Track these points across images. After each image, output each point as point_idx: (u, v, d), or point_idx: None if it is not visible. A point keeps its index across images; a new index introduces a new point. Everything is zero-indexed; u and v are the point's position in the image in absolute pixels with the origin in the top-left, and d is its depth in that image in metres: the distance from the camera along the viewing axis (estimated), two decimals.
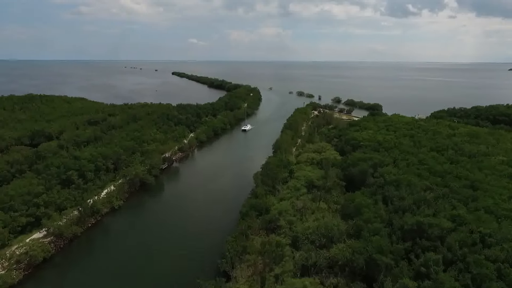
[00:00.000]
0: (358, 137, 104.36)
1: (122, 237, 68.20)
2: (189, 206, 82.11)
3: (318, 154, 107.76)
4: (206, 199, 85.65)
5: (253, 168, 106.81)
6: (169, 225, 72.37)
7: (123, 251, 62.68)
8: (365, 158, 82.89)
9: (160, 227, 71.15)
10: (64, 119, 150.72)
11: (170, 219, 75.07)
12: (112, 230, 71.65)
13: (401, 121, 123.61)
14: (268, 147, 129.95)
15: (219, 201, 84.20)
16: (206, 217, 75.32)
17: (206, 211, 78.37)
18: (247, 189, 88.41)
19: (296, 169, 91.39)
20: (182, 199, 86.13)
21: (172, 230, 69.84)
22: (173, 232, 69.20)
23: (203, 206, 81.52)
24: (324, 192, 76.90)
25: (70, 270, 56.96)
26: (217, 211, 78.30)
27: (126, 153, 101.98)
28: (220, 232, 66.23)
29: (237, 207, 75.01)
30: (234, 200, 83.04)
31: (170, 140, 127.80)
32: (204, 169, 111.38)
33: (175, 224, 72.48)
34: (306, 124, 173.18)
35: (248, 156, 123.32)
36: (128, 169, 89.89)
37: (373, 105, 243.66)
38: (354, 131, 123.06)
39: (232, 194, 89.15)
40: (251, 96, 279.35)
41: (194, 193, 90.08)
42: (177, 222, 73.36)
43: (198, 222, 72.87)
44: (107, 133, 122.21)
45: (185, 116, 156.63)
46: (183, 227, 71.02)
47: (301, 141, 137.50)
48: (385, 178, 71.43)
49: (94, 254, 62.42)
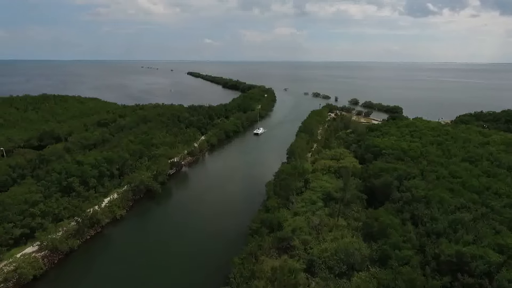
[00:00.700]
0: (379, 144, 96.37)
1: (122, 251, 63.12)
2: (196, 217, 76.39)
3: (335, 161, 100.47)
4: (214, 210, 79.76)
5: (266, 175, 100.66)
6: (173, 239, 66.80)
7: (122, 265, 57.51)
8: (389, 169, 75.18)
9: (163, 241, 65.65)
10: (75, 120, 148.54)
11: (174, 232, 69.49)
12: (112, 242, 66.69)
13: (426, 127, 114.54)
14: (282, 151, 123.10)
15: (228, 212, 78.18)
16: (213, 231, 69.31)
17: (213, 224, 72.42)
18: (258, 199, 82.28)
19: (312, 179, 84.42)
20: (189, 209, 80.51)
21: (174, 245, 64.22)
22: (176, 247, 63.57)
23: (210, 218, 75.65)
24: (343, 206, 69.87)
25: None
26: (225, 223, 72.27)
27: (133, 158, 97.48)
28: (227, 249, 60.22)
29: (247, 219, 68.89)
30: (244, 211, 77.01)
31: (180, 143, 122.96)
32: (214, 175, 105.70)
33: (179, 239, 66.84)
34: (322, 127, 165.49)
35: (261, 162, 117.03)
36: (133, 175, 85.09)
37: (393, 107, 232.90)
38: (374, 136, 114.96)
39: (242, 204, 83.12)
40: (266, 97, 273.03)
41: (201, 202, 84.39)
42: (181, 236, 67.72)
43: (204, 237, 66.98)
44: (115, 135, 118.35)
45: (197, 118, 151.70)
46: (187, 243, 65.28)
47: (317, 146, 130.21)
48: (413, 193, 63.69)
49: (91, 269, 57.40)
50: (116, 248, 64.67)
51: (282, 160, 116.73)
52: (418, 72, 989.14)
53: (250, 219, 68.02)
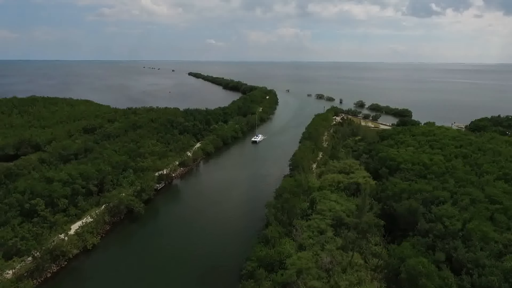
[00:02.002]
0: (396, 157, 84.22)
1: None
2: (183, 245, 64.74)
3: (345, 175, 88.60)
4: (205, 236, 68.05)
5: (265, 190, 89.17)
6: (154, 274, 55.21)
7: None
8: (412, 190, 63.15)
9: (140, 278, 54.11)
10: (60, 125, 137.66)
11: (156, 265, 57.82)
12: (79, 280, 55.16)
13: (446, 135, 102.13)
14: (284, 161, 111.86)
15: (221, 239, 66.47)
16: (201, 266, 57.59)
17: (202, 256, 60.72)
18: (257, 223, 70.77)
19: (318, 198, 72.50)
20: (175, 235, 68.82)
21: (155, 284, 52.66)
22: (158, 286, 52.07)
23: (199, 248, 63.96)
24: (357, 235, 58.05)
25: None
26: (216, 256, 60.56)
27: (116, 171, 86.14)
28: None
29: (243, 247, 57.74)
30: (241, 237, 65.61)
31: (172, 152, 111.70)
32: (208, 190, 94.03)
33: (161, 274, 55.24)
34: (328, 133, 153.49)
35: (260, 174, 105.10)
36: (111, 193, 73.59)
37: (402, 110, 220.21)
38: (387, 145, 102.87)
39: (238, 227, 71.47)
40: (267, 99, 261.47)
41: (191, 225, 72.72)
42: (164, 272, 56.10)
43: (190, 275, 55.30)
44: (100, 143, 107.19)
45: (192, 123, 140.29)
46: (171, 280, 53.68)
47: (322, 155, 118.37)
48: (445, 223, 51.63)
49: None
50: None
51: (284, 172, 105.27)
52: (425, 73, 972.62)
53: (247, 249, 56.70)
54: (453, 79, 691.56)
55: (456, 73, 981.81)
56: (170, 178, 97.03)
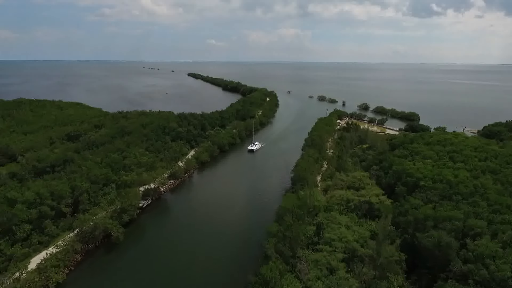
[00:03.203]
0: (413, 171, 73.89)
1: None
2: (166, 277, 54.52)
3: (355, 191, 78.38)
4: (193, 267, 57.82)
5: (265, 209, 79.07)
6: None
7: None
8: (438, 217, 52.81)
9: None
10: (44, 131, 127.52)
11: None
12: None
13: (466, 145, 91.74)
14: (286, 171, 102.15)
15: (212, 271, 56.26)
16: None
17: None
18: (254, 248, 60.68)
19: (326, 221, 62.28)
20: (159, 263, 58.57)
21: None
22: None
23: (186, 282, 53.79)
24: (375, 274, 47.89)
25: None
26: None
27: (95, 186, 75.95)
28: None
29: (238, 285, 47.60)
30: (235, 267, 55.46)
31: (162, 162, 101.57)
32: (200, 207, 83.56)
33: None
34: (332, 139, 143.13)
35: (259, 188, 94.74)
36: (85, 216, 63.30)
37: (409, 114, 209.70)
38: (400, 155, 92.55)
39: (233, 254, 61.44)
40: (267, 102, 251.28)
41: (176, 253, 62.48)
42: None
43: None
44: (83, 153, 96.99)
45: (186, 128, 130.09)
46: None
47: (328, 165, 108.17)
48: (489, 267, 41.31)
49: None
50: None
51: (285, 184, 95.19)
52: (427, 73, 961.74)
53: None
54: (456, 80, 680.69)
55: (458, 73, 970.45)
56: (158, 193, 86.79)
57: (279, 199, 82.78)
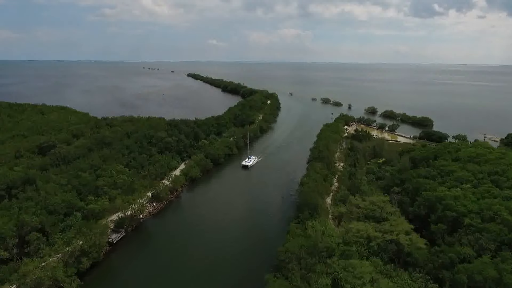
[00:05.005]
0: (452, 203, 58.56)
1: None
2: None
3: (376, 224, 63.18)
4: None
5: (264, 249, 63.82)
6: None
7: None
8: (507, 283, 37.58)
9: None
10: (14, 141, 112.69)
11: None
12: None
13: (507, 163, 76.28)
14: (288, 189, 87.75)
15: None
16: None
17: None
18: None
19: (344, 275, 47.15)
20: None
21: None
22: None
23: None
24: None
25: None
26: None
27: (54, 218, 61.09)
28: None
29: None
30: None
31: (145, 180, 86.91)
32: (185, 239, 68.52)
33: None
34: (341, 149, 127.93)
35: (258, 215, 79.48)
36: (26, 268, 48.25)
37: (421, 119, 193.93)
38: (427, 176, 77.10)
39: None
40: (268, 105, 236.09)
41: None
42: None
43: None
44: (50, 171, 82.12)
45: (176, 138, 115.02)
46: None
47: (338, 183, 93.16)
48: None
49: None
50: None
51: (288, 206, 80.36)
52: (429, 74, 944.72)
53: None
54: (460, 80, 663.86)
55: (461, 74, 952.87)
56: (136, 221, 71.88)
57: (281, 231, 67.99)
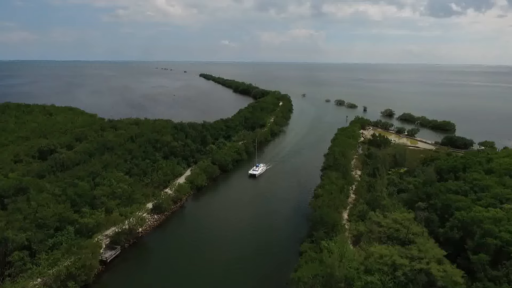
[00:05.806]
0: (494, 228, 50.29)
1: None
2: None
3: (401, 248, 55.30)
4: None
5: (274, 268, 56.85)
6: None
7: None
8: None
9: None
10: (17, 143, 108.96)
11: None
12: None
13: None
14: (301, 201, 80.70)
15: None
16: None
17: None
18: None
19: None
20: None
21: None
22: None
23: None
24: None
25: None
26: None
27: (41, 235, 55.58)
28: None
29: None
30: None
31: (148, 187, 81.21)
32: (187, 258, 62.19)
33: None
34: (357, 156, 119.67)
35: (267, 230, 72.30)
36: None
37: (442, 123, 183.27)
38: (457, 191, 68.76)
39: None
40: (280, 107, 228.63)
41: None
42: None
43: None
44: (46, 178, 77.13)
45: (183, 142, 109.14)
46: None
47: (356, 195, 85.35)
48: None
49: None
50: None
51: (302, 222, 73.14)
52: (444, 75, 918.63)
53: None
54: (478, 82, 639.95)
55: (478, 75, 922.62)
56: (133, 235, 65.97)
57: (292, 250, 61.10)
